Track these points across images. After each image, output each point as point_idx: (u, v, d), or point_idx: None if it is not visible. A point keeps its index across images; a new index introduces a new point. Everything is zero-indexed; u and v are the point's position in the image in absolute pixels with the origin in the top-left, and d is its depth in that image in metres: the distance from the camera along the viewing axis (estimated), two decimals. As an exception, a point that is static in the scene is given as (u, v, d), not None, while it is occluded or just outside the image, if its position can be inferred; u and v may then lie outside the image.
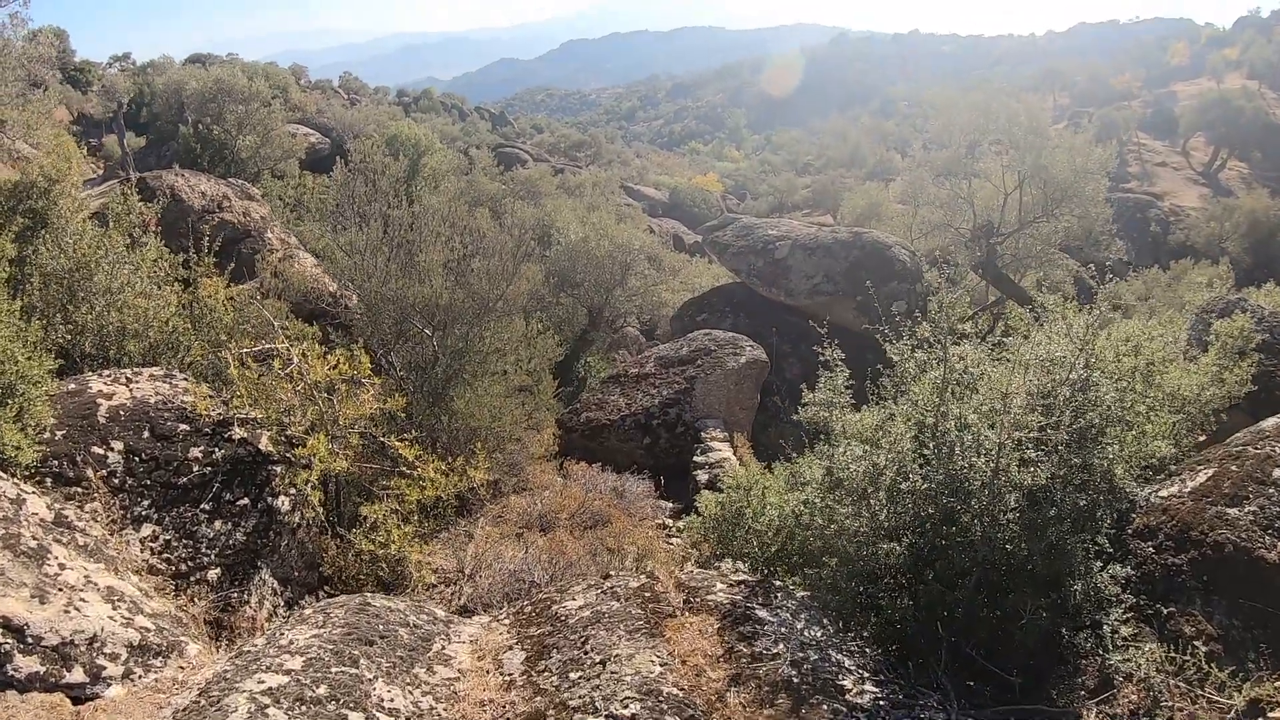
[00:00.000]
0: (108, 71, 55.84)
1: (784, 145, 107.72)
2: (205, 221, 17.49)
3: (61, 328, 8.49)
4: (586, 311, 20.77)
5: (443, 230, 11.53)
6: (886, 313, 18.70)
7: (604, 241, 20.84)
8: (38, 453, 6.43)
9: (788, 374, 18.27)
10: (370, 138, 35.35)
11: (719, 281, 24.82)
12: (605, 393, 16.09)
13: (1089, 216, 22.34)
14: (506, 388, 11.18)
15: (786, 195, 67.86)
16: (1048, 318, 8.18)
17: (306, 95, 57.24)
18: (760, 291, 20.89)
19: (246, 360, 7.95)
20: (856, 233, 21.54)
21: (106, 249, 9.70)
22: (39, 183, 10.50)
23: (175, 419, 7.44)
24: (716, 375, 15.70)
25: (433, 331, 10.78)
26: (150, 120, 40.60)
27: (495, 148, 56.71)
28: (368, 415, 8.20)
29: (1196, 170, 63.56)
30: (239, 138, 29.53)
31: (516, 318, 12.31)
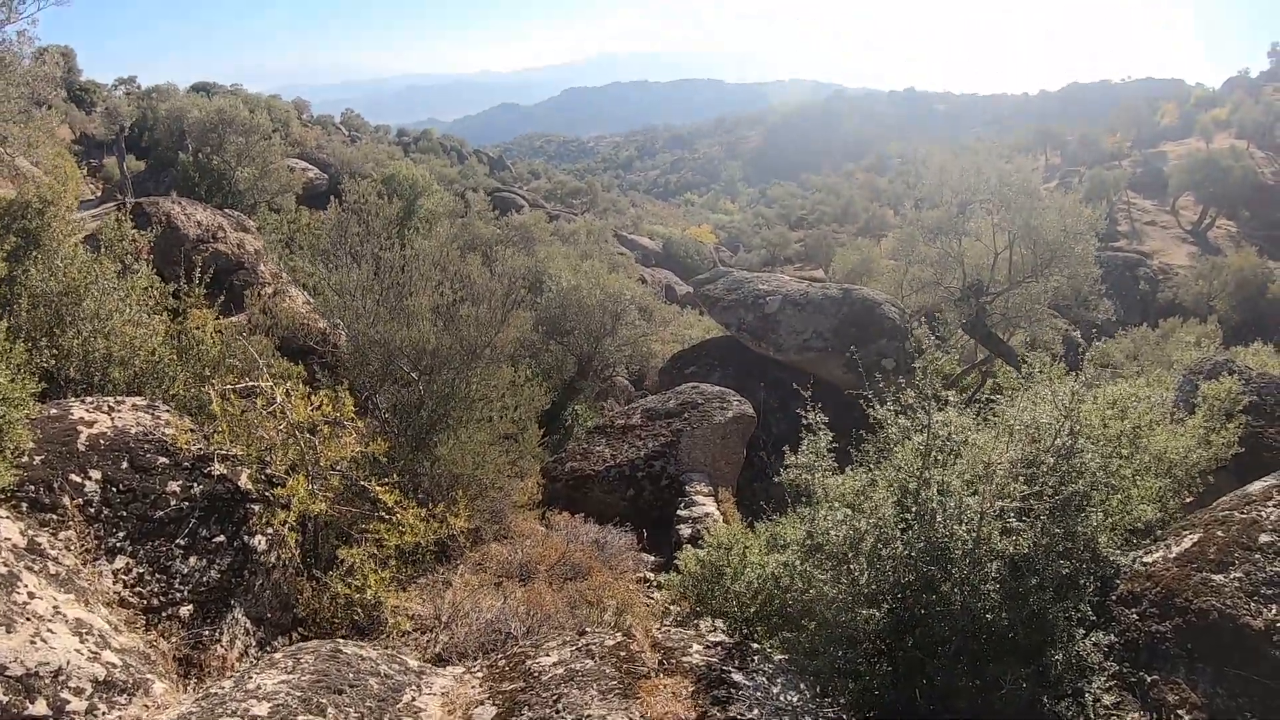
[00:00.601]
0: (112, 94, 56.22)
1: (778, 199, 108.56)
2: (199, 251, 17.46)
3: (47, 351, 8.43)
4: (576, 360, 20.75)
5: (433, 274, 11.52)
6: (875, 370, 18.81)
7: (595, 290, 20.87)
8: (15, 476, 6.33)
9: (774, 429, 18.23)
10: (368, 176, 35.52)
11: (709, 334, 24.84)
12: (591, 443, 16.01)
13: (1078, 276, 22.45)
14: (491, 435, 11.10)
15: (779, 249, 68.31)
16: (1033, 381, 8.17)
17: (307, 130, 57.56)
18: (750, 346, 20.93)
19: (230, 396, 7.88)
20: (846, 289, 21.65)
21: (97, 275, 9.66)
22: (34, 203, 10.49)
23: (155, 451, 7.37)
24: (703, 429, 15.64)
25: (419, 375, 10.74)
26: (151, 145, 40.75)
27: (492, 191, 56.98)
28: (349, 458, 8.13)
29: (1185, 229, 64.32)
30: (238, 169, 29.60)
31: (504, 365, 12.26)
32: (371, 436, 8.78)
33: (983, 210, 23.01)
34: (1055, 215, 21.55)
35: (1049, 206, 22.09)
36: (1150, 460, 8.10)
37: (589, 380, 21.14)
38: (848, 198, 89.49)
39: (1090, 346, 7.21)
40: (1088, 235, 21.74)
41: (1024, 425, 6.47)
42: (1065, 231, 21.31)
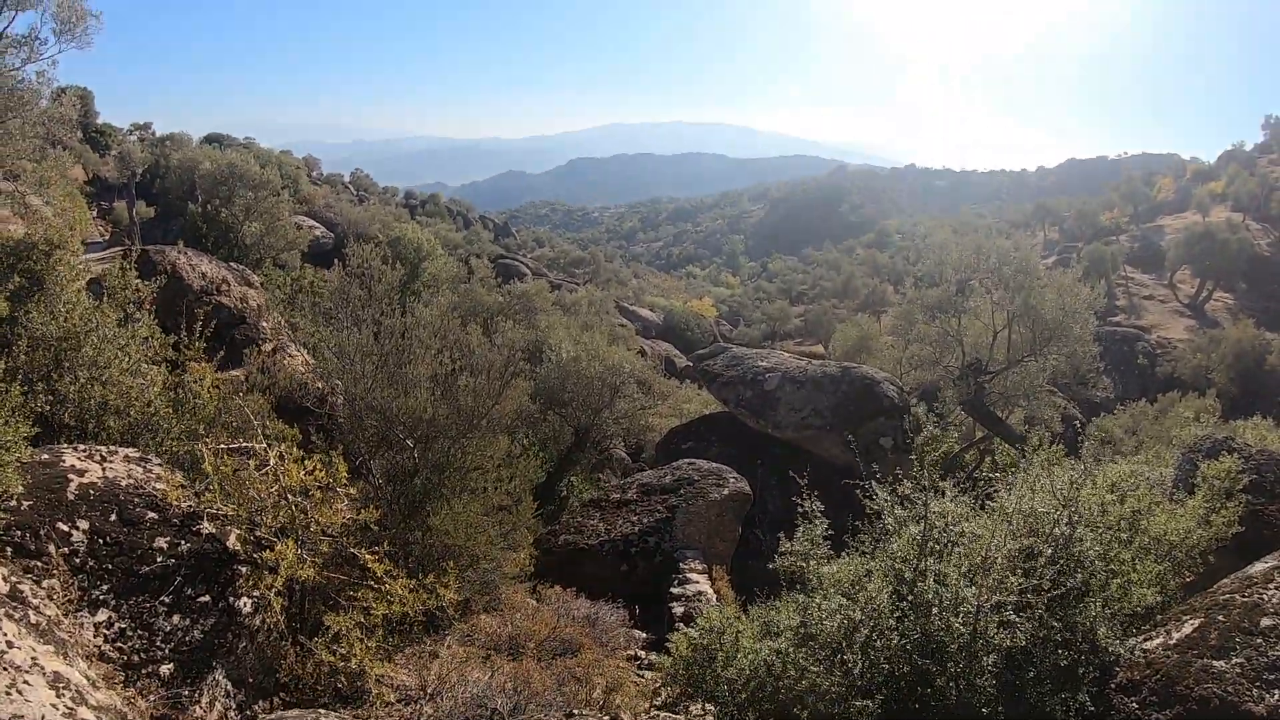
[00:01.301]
0: (127, 139, 56.91)
1: (779, 273, 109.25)
2: (202, 303, 17.50)
3: (43, 396, 8.38)
4: (573, 431, 20.64)
5: (433, 343, 11.50)
6: (874, 448, 18.73)
7: (595, 363, 20.83)
8: (1, 520, 6.29)
9: (771, 507, 18.11)
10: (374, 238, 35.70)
11: (707, 408, 24.79)
12: (586, 516, 15.89)
13: (1077, 355, 22.54)
14: (485, 506, 11.01)
15: (779, 323, 68.57)
16: (1031, 466, 8.12)
17: (316, 188, 58.11)
18: (748, 423, 20.87)
19: (223, 455, 7.82)
20: (845, 367, 21.64)
21: (98, 322, 9.65)
22: (40, 246, 10.52)
23: (145, 505, 7.29)
24: (698, 506, 15.52)
25: (415, 443, 10.67)
26: (162, 193, 41.27)
27: (496, 258, 57.31)
28: (340, 524, 8.05)
29: (1183, 302, 64.63)
30: (245, 223, 29.81)
31: (501, 436, 12.19)
32: (364, 503, 8.69)
33: (982, 289, 23.14)
34: (1054, 294, 21.70)
35: (1048, 285, 22.25)
36: (1150, 542, 8.03)
37: (586, 452, 21.02)
38: (848, 273, 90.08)
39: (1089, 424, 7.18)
40: (1086, 314, 21.87)
41: (1022, 514, 6.41)
42: (1064, 310, 21.45)
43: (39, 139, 21.08)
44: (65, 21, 19.90)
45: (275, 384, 12.30)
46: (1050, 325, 21.57)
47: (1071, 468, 6.75)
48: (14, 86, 19.49)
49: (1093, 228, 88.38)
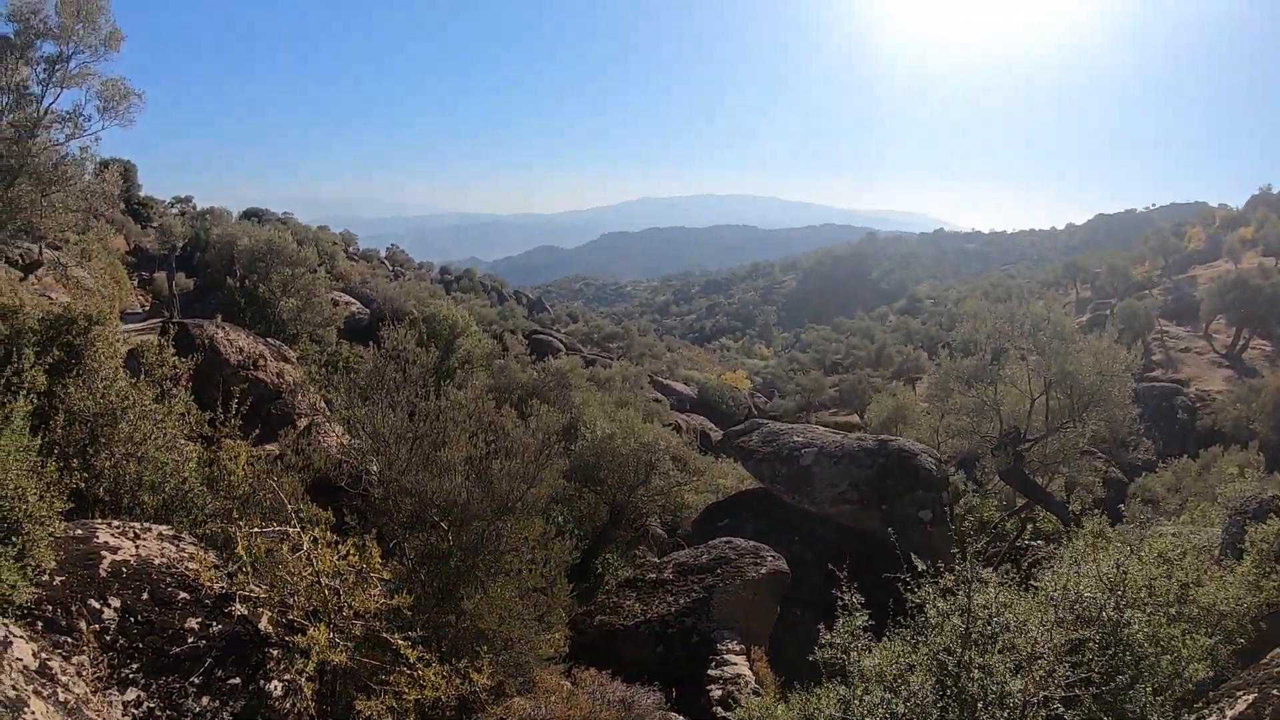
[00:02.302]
0: (168, 211, 58.09)
1: (812, 343, 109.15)
2: (239, 377, 17.66)
3: (79, 473, 8.37)
4: (608, 508, 20.44)
5: (468, 425, 11.47)
6: (913, 522, 18.45)
7: (630, 440, 20.70)
8: (33, 594, 6.29)
9: (809, 583, 17.82)
10: (409, 313, 35.92)
11: (743, 483, 24.58)
12: (621, 596, 15.66)
13: (1116, 419, 22.22)
14: (520, 588, 10.88)
15: (814, 394, 68.15)
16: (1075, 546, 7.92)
17: (353, 264, 58.81)
18: (784, 498, 20.64)
19: (256, 538, 7.77)
20: (882, 440, 21.39)
21: (135, 399, 9.69)
22: (79, 321, 10.61)
23: (177, 585, 7.27)
24: (736, 585, 15.25)
25: (448, 526, 10.59)
26: (202, 266, 41.96)
27: (530, 334, 57.49)
28: (374, 609, 7.95)
29: (1220, 353, 63.70)
30: (283, 299, 30.08)
31: (536, 518, 12.09)
32: (397, 585, 8.61)
33: (1017, 355, 22.96)
34: (1091, 358, 21.49)
35: (1084, 349, 22.04)
36: (1199, 613, 7.79)
37: (621, 529, 20.81)
38: (881, 341, 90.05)
39: (1132, 483, 7.01)
40: (1125, 377, 21.63)
41: (1069, 602, 6.23)
42: (1102, 374, 21.22)
43: (82, 213, 21.53)
44: (109, 100, 20.42)
45: (310, 464, 12.26)
46: (1088, 390, 21.34)
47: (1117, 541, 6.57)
48: (58, 161, 19.96)
49: (1125, 283, 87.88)
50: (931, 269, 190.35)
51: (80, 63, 20.51)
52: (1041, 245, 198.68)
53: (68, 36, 20.10)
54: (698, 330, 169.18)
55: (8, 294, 13.61)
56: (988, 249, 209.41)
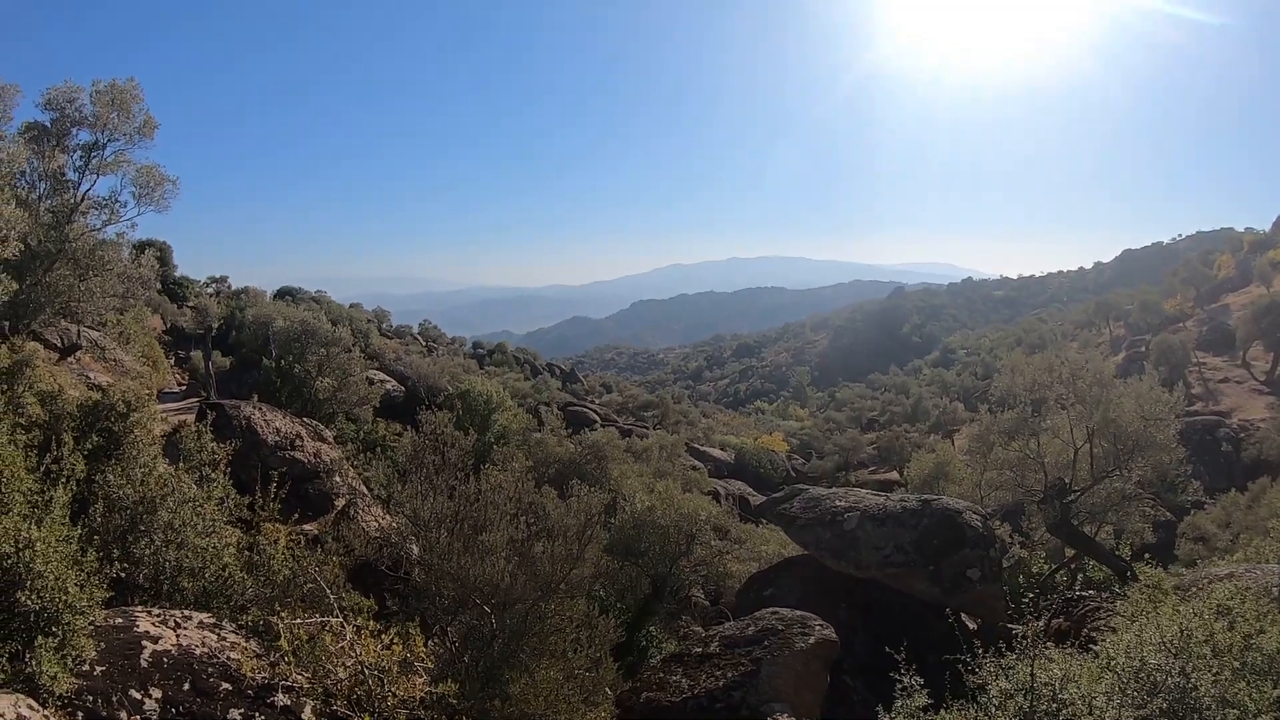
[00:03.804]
0: (204, 291, 59.03)
1: (847, 401, 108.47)
2: (276, 457, 17.72)
3: (119, 563, 8.34)
4: (650, 580, 20.22)
5: (508, 508, 11.40)
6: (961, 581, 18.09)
7: (670, 511, 20.55)
8: (74, 685, 6.22)
9: (858, 650, 17.50)
10: (443, 390, 36.03)
11: (785, 549, 24.28)
12: (667, 672, 15.33)
13: (1162, 463, 21.89)
14: (565, 670, 10.71)
15: (852, 453, 67.69)
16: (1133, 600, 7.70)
17: (387, 341, 59.28)
18: (829, 564, 20.30)
19: (298, 628, 7.70)
20: (925, 500, 21.06)
21: (174, 486, 9.68)
22: (118, 406, 10.67)
23: (219, 675, 7.18)
24: (784, 657, 14.94)
25: (491, 609, 10.47)
26: (237, 345, 42.49)
27: (564, 405, 57.51)
28: (418, 697, 7.83)
29: (1259, 380, 63.25)
30: (318, 378, 30.23)
31: (579, 597, 11.96)
32: (441, 670, 8.49)
33: (1057, 405, 22.74)
34: (1133, 402, 21.26)
35: (1125, 394, 21.83)
36: (1263, 661, 7.54)
37: (664, 601, 20.57)
38: (917, 395, 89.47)
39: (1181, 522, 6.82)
40: (1169, 419, 21.33)
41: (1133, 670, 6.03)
42: (1145, 418, 20.95)
43: (119, 296, 21.83)
44: (145, 186, 20.83)
45: (351, 549, 12.20)
46: (1132, 436, 21.10)
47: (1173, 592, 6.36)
48: (96, 246, 20.30)
49: (1158, 317, 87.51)
50: (962, 319, 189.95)
51: (116, 150, 20.97)
52: (1071, 286, 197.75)
53: (103, 125, 20.55)
54: (732, 394, 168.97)
55: (46, 379, 13.71)
56: (1017, 294, 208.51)
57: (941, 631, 17.06)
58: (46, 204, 20.74)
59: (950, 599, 18.14)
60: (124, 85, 20.66)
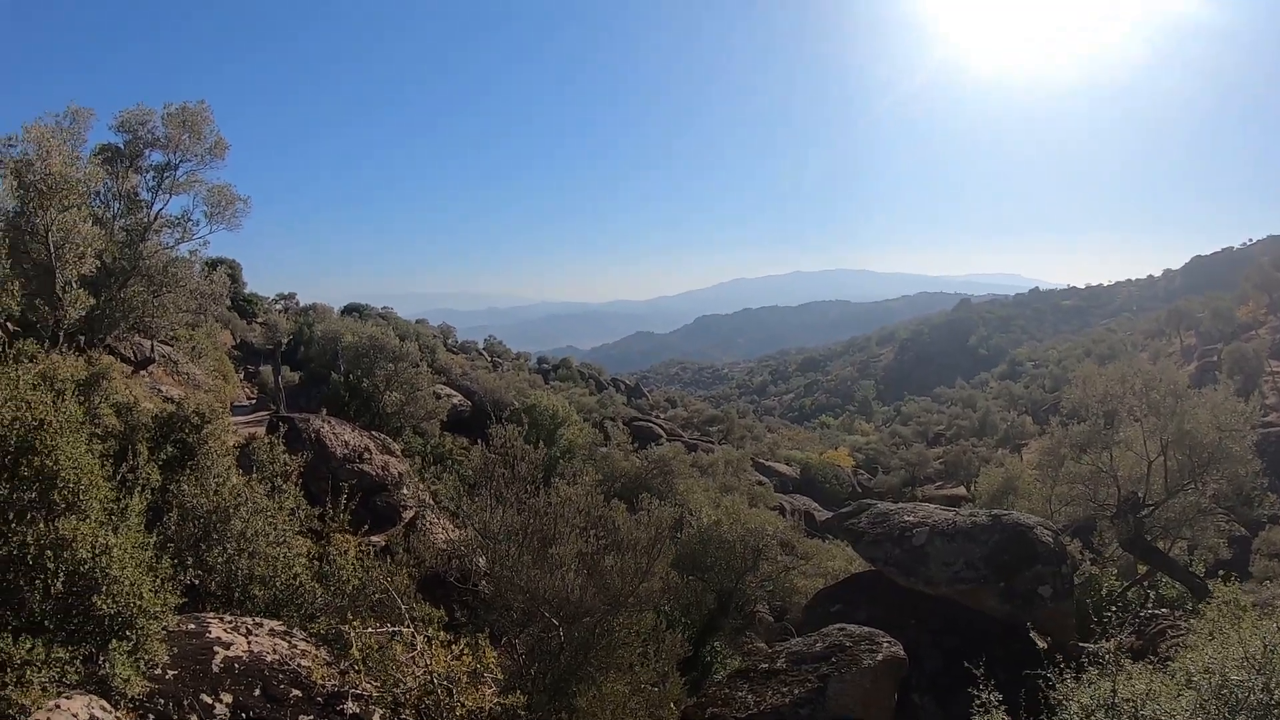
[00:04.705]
0: (272, 308, 60.18)
1: (913, 415, 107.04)
2: (345, 470, 17.94)
3: (192, 570, 8.46)
4: (715, 595, 20.10)
5: (578, 521, 11.41)
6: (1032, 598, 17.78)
7: (736, 526, 20.45)
8: (146, 688, 6.36)
9: (927, 667, 17.22)
10: (509, 404, 36.25)
11: (852, 565, 24.02)
12: (733, 688, 15.15)
13: (1239, 476, 21.34)
14: (632, 684, 10.67)
15: (918, 468, 66.75)
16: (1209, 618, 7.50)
17: (453, 357, 59.78)
18: (897, 580, 20.00)
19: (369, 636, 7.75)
20: (996, 515, 20.69)
21: (247, 496, 9.83)
22: (192, 419, 10.87)
23: (289, 682, 7.26)
24: (851, 674, 14.72)
25: (559, 622, 10.48)
26: (306, 360, 43.15)
27: (630, 420, 57.51)
28: (487, 709, 7.84)
29: None
30: (386, 393, 30.57)
31: (647, 612, 11.93)
32: (509, 682, 8.50)
33: (1130, 418, 22.29)
34: (1208, 414, 20.79)
35: (1200, 405, 21.33)
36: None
37: (730, 616, 20.45)
38: (984, 409, 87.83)
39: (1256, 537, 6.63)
40: (1244, 431, 20.82)
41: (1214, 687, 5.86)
42: (1220, 430, 20.47)
43: (191, 312, 22.32)
44: (216, 206, 21.34)
45: (421, 561, 12.29)
46: (1207, 448, 20.60)
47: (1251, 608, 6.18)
48: (169, 263, 20.79)
49: (1230, 325, 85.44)
50: (1030, 330, 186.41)
51: (188, 170, 21.55)
52: (1140, 294, 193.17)
53: (175, 146, 21.09)
54: (797, 409, 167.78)
55: (122, 391, 14.02)
56: (1085, 304, 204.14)
57: (1011, 649, 16.77)
58: (121, 223, 21.34)
59: (1021, 616, 17.80)
60: (194, 108, 21.19)
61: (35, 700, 5.46)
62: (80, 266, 17.84)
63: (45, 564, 6.04)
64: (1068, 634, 18.09)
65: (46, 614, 6.11)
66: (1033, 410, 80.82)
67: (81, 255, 17.76)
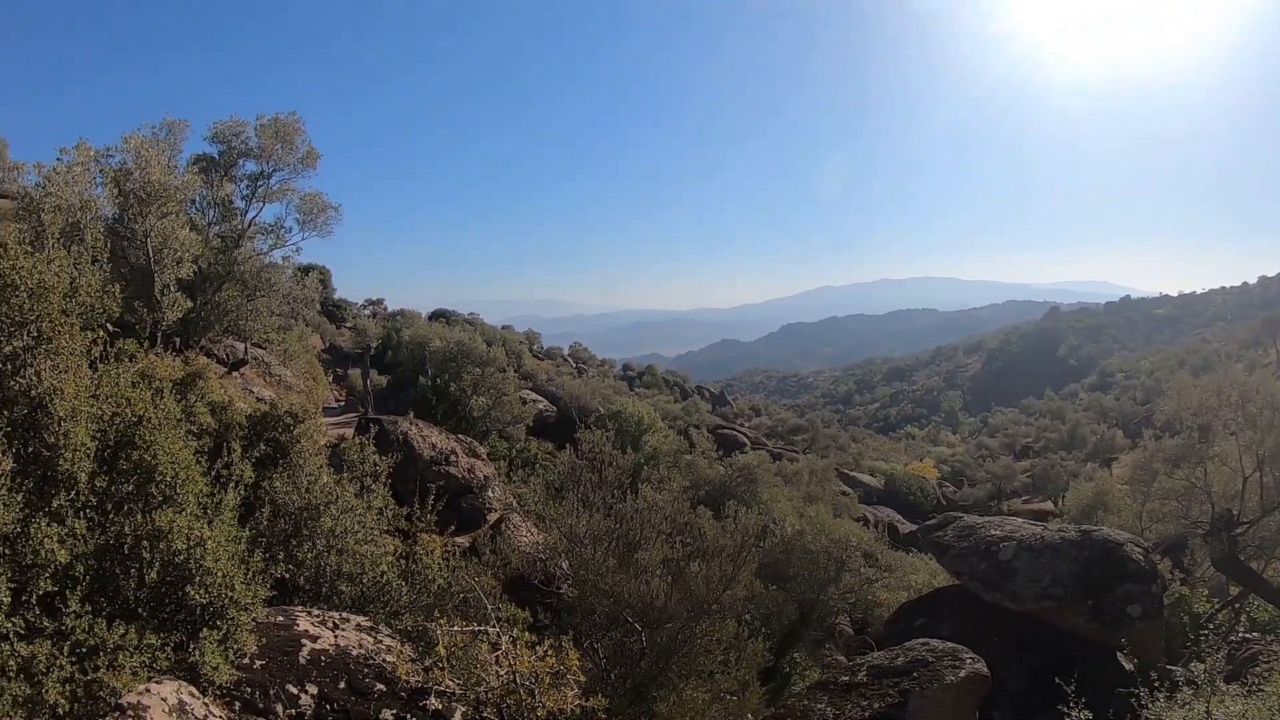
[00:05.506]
0: (361, 313, 61.35)
1: (1000, 427, 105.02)
2: (431, 472, 18.20)
3: (283, 564, 8.64)
4: (797, 606, 19.97)
5: (664, 527, 11.44)
6: (1120, 618, 17.34)
7: (820, 536, 20.32)
8: (233, 676, 6.54)
9: (1010, 686, 16.90)
10: (594, 411, 36.45)
11: (935, 579, 23.72)
12: (812, 700, 14.98)
13: (1339, 493, 20.69)
14: (712, 692, 10.64)
15: (1005, 482, 65.49)
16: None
17: (539, 363, 60.30)
18: (982, 595, 19.64)
19: (455, 635, 7.84)
20: (1085, 531, 20.22)
21: (337, 495, 10.03)
22: (284, 418, 11.12)
23: (373, 676, 7.36)
24: (933, 690, 14.45)
25: (642, 627, 10.49)
26: (394, 364, 43.87)
27: (714, 428, 57.35)
28: (568, 711, 7.87)
29: None
30: (473, 397, 30.94)
31: (730, 620, 11.89)
32: (590, 685, 8.53)
33: (1226, 431, 21.69)
34: (1308, 427, 20.12)
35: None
36: None
37: (810, 628, 20.29)
38: (1073, 421, 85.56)
39: None
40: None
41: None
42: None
43: (284, 315, 22.93)
44: (308, 213, 21.91)
45: (507, 563, 12.42)
46: (1307, 464, 19.96)
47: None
48: (262, 269, 21.39)
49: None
50: (1121, 339, 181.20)
51: (280, 179, 22.15)
52: (1235, 302, 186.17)
53: (268, 156, 21.68)
54: (881, 419, 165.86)
55: (217, 390, 14.42)
56: (1178, 313, 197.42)
57: (1097, 669, 16.37)
58: (216, 229, 22.05)
59: (1108, 636, 17.39)
60: (286, 119, 21.80)
61: (126, 684, 5.63)
62: (178, 271, 18.42)
63: (141, 554, 6.23)
64: (1156, 655, 17.63)
65: (140, 602, 6.30)
66: (1123, 423, 78.75)
67: (179, 260, 18.33)
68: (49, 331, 6.45)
